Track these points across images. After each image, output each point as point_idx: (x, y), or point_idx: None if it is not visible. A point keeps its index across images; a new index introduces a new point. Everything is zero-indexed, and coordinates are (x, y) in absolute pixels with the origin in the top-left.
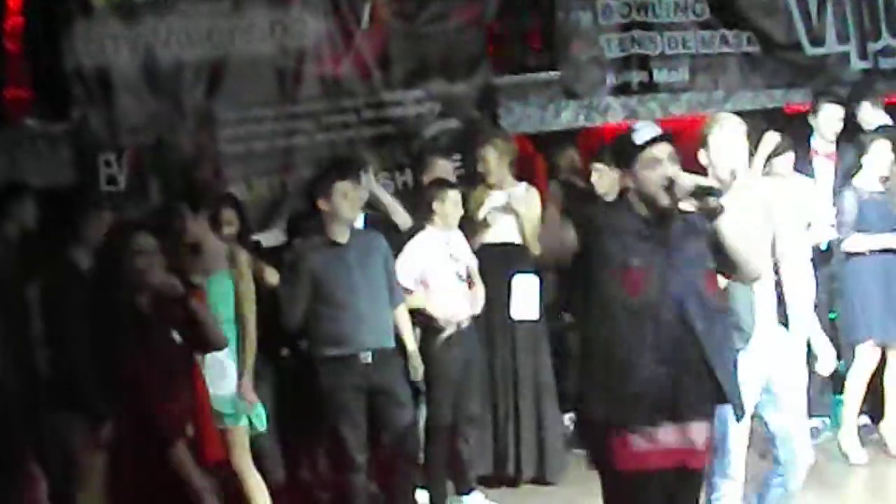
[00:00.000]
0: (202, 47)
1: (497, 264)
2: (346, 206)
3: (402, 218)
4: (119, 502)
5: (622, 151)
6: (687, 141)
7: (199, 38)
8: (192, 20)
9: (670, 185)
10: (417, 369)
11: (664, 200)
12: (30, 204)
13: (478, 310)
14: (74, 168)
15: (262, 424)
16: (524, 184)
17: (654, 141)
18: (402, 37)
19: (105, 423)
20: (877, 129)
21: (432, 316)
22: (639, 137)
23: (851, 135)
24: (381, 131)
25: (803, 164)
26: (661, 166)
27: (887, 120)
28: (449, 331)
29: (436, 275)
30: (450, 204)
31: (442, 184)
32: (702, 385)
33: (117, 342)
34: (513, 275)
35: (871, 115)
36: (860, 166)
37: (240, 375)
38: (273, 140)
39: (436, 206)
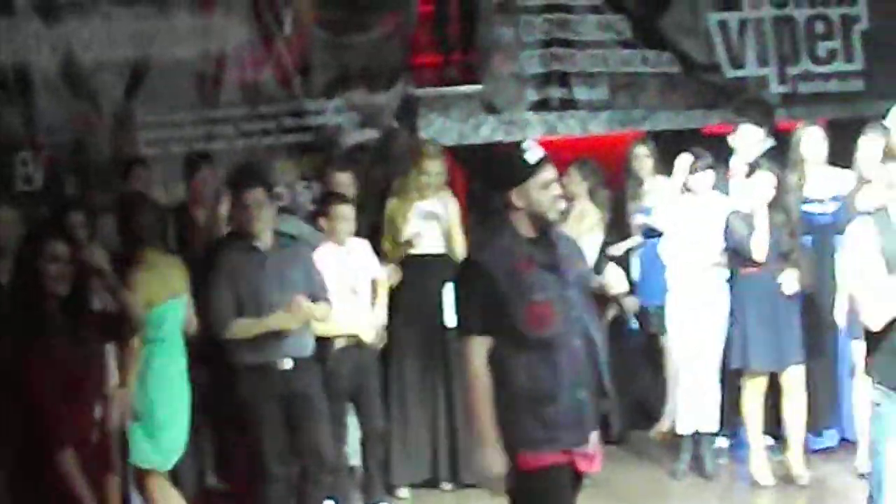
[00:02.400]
0: (124, 49)
1: (426, 275)
2: (256, 216)
3: None
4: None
5: (516, 171)
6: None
7: (121, 40)
8: (115, 22)
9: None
10: None
11: (554, 215)
12: None
13: (378, 323)
14: None
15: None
16: (447, 194)
17: (543, 161)
18: (323, 45)
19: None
20: (763, 154)
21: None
22: (531, 157)
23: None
24: (300, 139)
25: (722, 184)
26: (552, 187)
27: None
28: (339, 344)
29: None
30: (338, 220)
31: (330, 199)
32: (597, 398)
33: (19, 344)
34: (443, 284)
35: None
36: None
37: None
38: (192, 144)
39: (324, 221)
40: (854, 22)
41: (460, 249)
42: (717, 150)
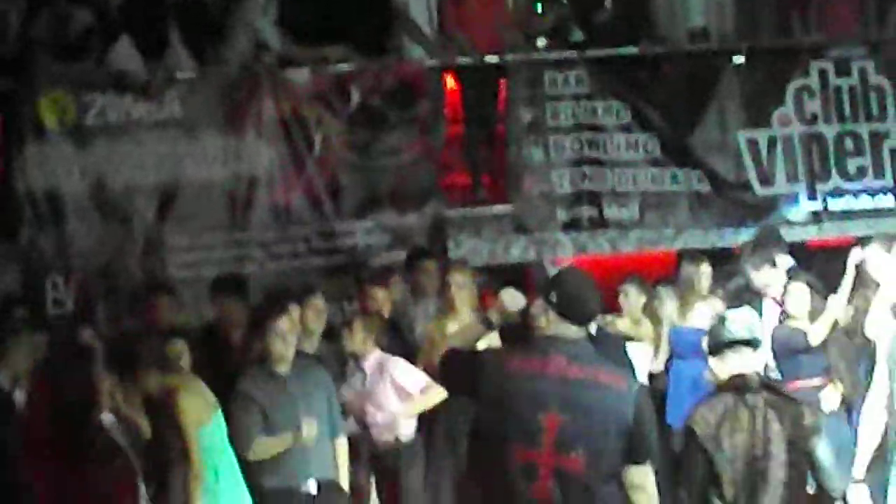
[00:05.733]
0: (154, 172)
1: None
2: (281, 345)
3: None
4: None
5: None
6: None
7: (151, 164)
8: (145, 145)
9: None
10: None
11: None
12: None
13: None
14: (21, 288)
15: None
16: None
17: None
18: (353, 167)
19: None
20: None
21: None
22: None
23: None
24: (331, 261)
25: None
26: None
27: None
28: None
29: None
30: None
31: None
32: None
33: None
34: None
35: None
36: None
37: None
38: (223, 267)
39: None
40: (883, 138)
41: None
42: None
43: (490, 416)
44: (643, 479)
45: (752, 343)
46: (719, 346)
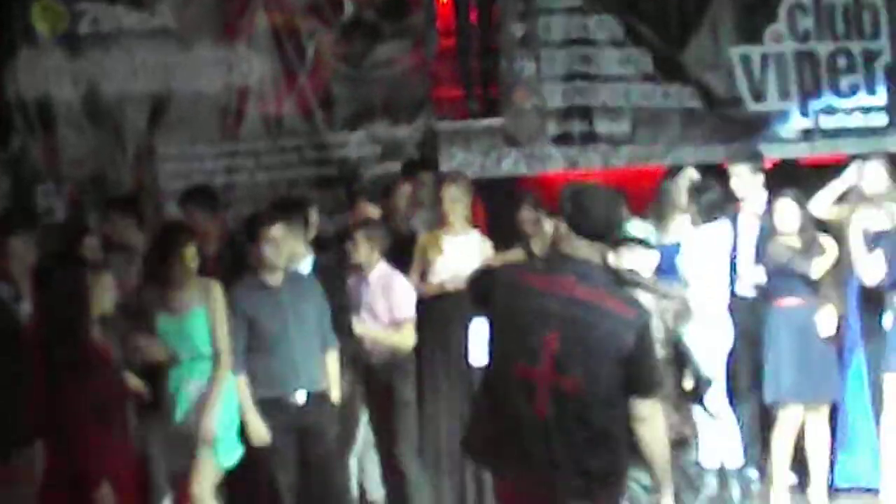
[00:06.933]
0: (146, 82)
1: (453, 313)
2: (273, 252)
3: None
4: None
5: None
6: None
7: (143, 73)
8: (137, 55)
9: None
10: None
11: None
12: None
13: None
14: (12, 196)
15: (227, 460)
16: (477, 232)
17: None
18: (345, 79)
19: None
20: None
21: None
22: None
23: None
24: (322, 172)
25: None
26: None
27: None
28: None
29: None
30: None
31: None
32: None
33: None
34: (468, 321)
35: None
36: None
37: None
38: (214, 177)
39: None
40: (876, 56)
41: None
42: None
43: (498, 331)
44: (647, 413)
45: (643, 242)
46: (617, 241)
